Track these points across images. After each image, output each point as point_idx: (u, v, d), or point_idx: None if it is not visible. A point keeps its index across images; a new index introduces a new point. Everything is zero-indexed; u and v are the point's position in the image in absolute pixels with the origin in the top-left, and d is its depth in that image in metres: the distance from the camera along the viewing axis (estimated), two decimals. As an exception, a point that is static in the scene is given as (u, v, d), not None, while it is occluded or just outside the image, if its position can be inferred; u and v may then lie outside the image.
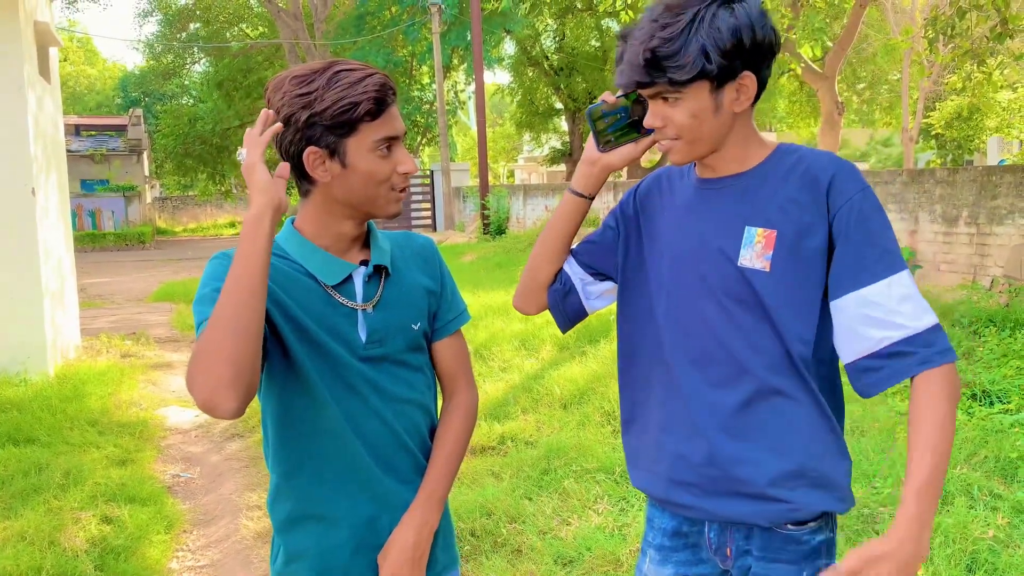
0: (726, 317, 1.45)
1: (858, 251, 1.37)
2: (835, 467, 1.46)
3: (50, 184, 7.18)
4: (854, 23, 15.12)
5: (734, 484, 1.46)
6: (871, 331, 1.36)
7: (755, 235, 1.42)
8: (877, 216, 1.38)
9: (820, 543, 1.48)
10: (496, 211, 17.78)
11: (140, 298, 12.84)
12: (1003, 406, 4.64)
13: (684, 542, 1.56)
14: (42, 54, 7.37)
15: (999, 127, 19.60)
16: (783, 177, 1.44)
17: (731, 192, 1.47)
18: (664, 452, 1.54)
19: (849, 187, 1.39)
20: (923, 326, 1.35)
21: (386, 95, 1.39)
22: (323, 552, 1.48)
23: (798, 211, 1.40)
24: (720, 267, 1.45)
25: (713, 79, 1.36)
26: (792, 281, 1.41)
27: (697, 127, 1.40)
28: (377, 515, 1.49)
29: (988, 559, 3.05)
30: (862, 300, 1.37)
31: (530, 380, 5.93)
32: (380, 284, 1.49)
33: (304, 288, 1.43)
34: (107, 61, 54.43)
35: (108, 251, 24.30)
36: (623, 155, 1.53)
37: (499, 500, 3.83)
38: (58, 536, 3.66)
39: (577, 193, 1.58)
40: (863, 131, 36.65)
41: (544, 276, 1.65)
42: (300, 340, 1.42)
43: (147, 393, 6.59)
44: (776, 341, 1.43)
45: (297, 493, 1.50)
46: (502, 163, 49.14)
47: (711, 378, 1.47)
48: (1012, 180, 7.34)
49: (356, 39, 24.28)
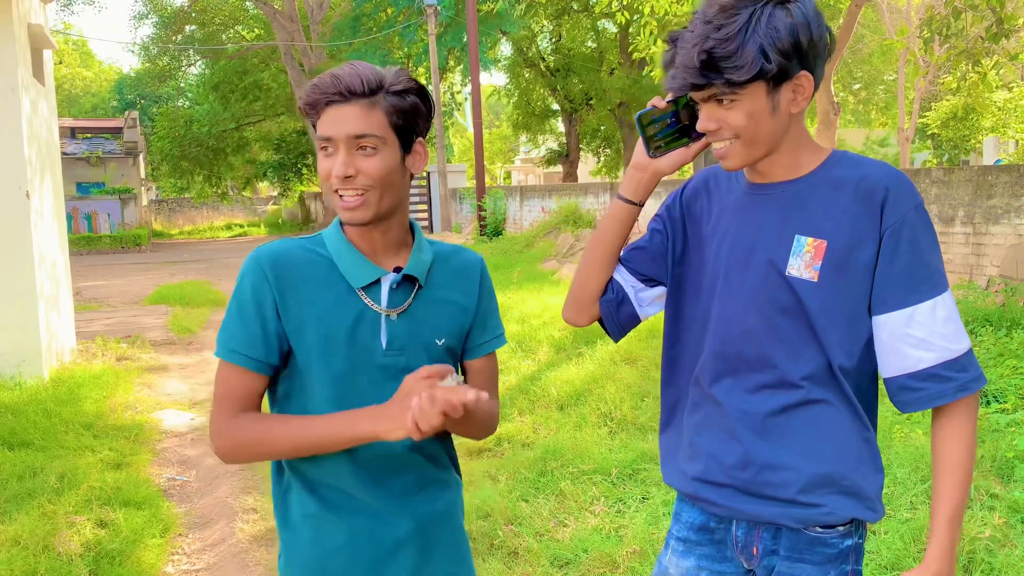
0: (769, 325, 1.44)
1: (907, 269, 1.37)
2: (867, 476, 1.46)
3: (45, 187, 7.16)
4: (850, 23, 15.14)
5: (766, 488, 1.46)
6: (912, 351, 1.38)
7: (805, 244, 1.41)
8: (928, 235, 1.38)
9: (848, 548, 1.48)
10: (493, 212, 17.77)
11: (136, 301, 12.81)
12: (999, 406, 4.64)
13: (710, 537, 1.57)
14: (36, 57, 7.35)
15: (995, 127, 19.62)
16: (836, 186, 1.41)
17: (782, 199, 1.45)
18: (697, 451, 1.54)
19: (904, 203, 1.37)
20: (961, 350, 1.38)
21: (332, 93, 1.37)
22: (322, 554, 1.47)
23: (850, 222, 1.39)
24: (767, 275, 1.43)
25: (770, 80, 1.34)
26: (839, 293, 1.40)
27: (754, 129, 1.38)
28: (372, 527, 1.47)
29: (985, 559, 3.05)
30: (907, 319, 1.38)
31: (527, 382, 5.93)
32: (411, 294, 1.48)
33: (329, 287, 1.44)
34: (102, 63, 54.39)
35: (104, 254, 24.25)
36: (673, 160, 1.50)
37: (496, 502, 3.83)
38: (52, 540, 3.64)
39: (627, 200, 1.55)
40: (859, 131, 36.70)
41: (596, 286, 1.61)
42: (311, 345, 1.42)
43: (143, 396, 6.57)
44: (818, 351, 1.42)
45: (300, 497, 1.49)
46: (499, 164, 49.15)
47: (749, 384, 1.46)
48: (1008, 180, 7.35)
49: (352, 41, 24.27)
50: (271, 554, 3.68)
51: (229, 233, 34.54)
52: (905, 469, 3.82)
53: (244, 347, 1.42)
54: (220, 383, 1.45)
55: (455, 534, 1.57)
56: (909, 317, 1.37)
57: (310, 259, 1.45)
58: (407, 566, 1.49)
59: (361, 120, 1.37)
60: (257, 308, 1.42)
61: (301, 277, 1.44)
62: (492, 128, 46.37)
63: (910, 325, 1.37)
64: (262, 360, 1.43)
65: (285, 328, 1.43)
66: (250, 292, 1.42)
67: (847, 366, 1.42)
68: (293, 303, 1.42)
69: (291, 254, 1.45)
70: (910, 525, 3.28)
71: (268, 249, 1.45)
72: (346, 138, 1.37)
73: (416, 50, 24.89)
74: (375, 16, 24.96)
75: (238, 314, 1.43)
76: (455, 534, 1.57)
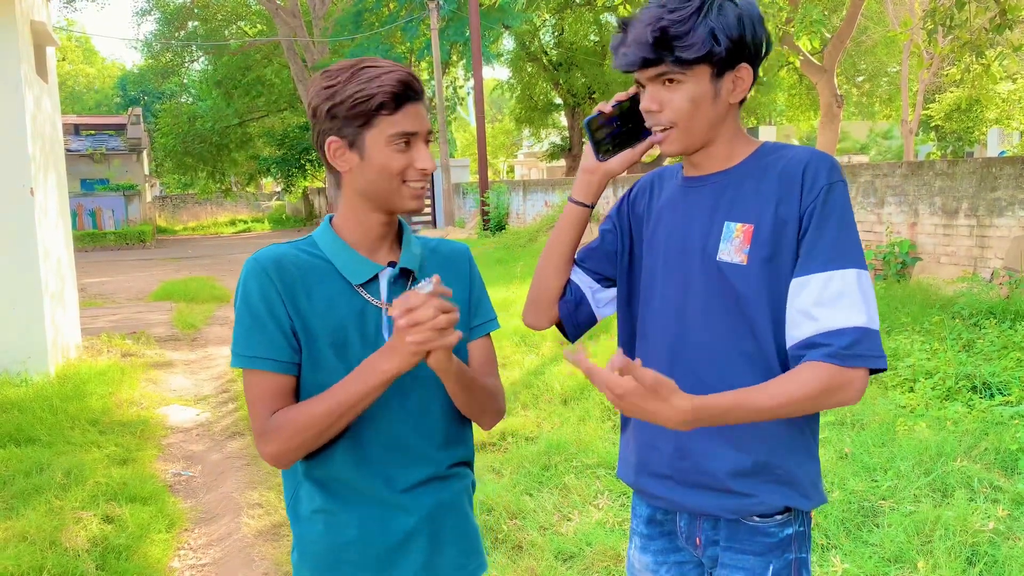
0: (705, 313, 1.47)
1: (811, 241, 1.39)
2: (801, 464, 1.48)
3: (49, 184, 7.17)
4: (853, 15, 15.08)
5: (701, 476, 1.49)
6: (802, 319, 1.38)
7: (734, 230, 1.45)
8: (837, 212, 1.39)
9: (788, 536, 1.50)
10: (496, 207, 17.77)
11: (140, 297, 12.84)
12: (1004, 398, 4.63)
13: (660, 530, 1.60)
14: (39, 54, 7.36)
15: (999, 119, 19.56)
16: (762, 173, 1.46)
17: (714, 189, 1.50)
18: (639, 444, 1.59)
19: (819, 181, 1.40)
20: (848, 323, 1.34)
21: (406, 91, 1.42)
22: (334, 547, 1.49)
23: (774, 206, 1.43)
24: (700, 262, 1.48)
25: (715, 64, 1.40)
26: (768, 275, 1.43)
27: (694, 112, 1.42)
28: (382, 520, 1.49)
29: (988, 551, 3.05)
30: (799, 287, 1.39)
31: (530, 376, 5.94)
32: (407, 287, 1.51)
33: (329, 286, 1.46)
34: (105, 60, 54.43)
35: (108, 250, 24.30)
36: (622, 160, 1.56)
37: (500, 496, 3.84)
38: (59, 536, 3.67)
39: (579, 202, 1.61)
40: (863, 124, 36.61)
41: (555, 289, 1.65)
42: (322, 344, 1.44)
43: (148, 392, 6.60)
44: (750, 337, 1.45)
45: (310, 491, 1.50)
46: (502, 159, 49.08)
47: (684, 372, 1.48)
48: (1012, 172, 7.32)
49: (354, 36, 24.24)
50: (277, 549, 3.70)
51: (233, 229, 34.59)
52: (908, 463, 3.83)
53: (267, 351, 1.43)
54: (251, 391, 1.45)
55: (464, 524, 1.59)
56: (802, 286, 1.38)
57: (307, 261, 1.48)
58: (418, 557, 1.51)
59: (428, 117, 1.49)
60: (269, 310, 1.43)
61: (303, 278, 1.46)
62: (495, 122, 46.31)
63: (799, 294, 1.38)
64: (288, 361, 1.44)
65: (295, 327, 1.44)
66: (259, 296, 1.43)
67: (780, 350, 1.44)
68: (300, 303, 1.44)
69: (289, 256, 1.47)
70: (913, 518, 3.29)
71: (266, 254, 1.47)
72: (426, 133, 1.46)
73: (418, 45, 24.84)
74: (377, 11, 24.92)
75: (251, 320, 1.43)
76: (464, 524, 1.59)
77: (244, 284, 1.45)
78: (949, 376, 4.95)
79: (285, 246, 1.50)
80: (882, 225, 8.82)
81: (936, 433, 4.16)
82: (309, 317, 1.44)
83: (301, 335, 1.44)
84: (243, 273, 1.46)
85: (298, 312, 1.44)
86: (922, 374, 5.11)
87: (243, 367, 1.44)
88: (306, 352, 1.45)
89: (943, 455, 3.87)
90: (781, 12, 11.06)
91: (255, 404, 1.43)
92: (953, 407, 4.56)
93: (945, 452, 3.89)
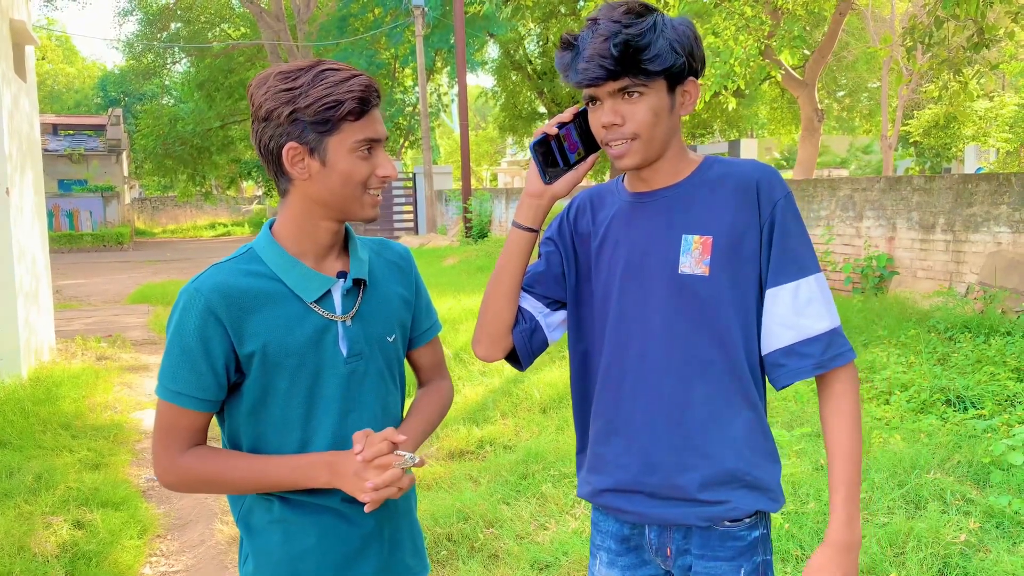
0: (668, 327, 1.49)
1: (777, 254, 1.47)
2: (766, 469, 1.52)
3: (25, 183, 7.09)
4: (834, 31, 15.27)
5: (671, 490, 1.51)
6: (778, 328, 1.47)
7: (692, 242, 1.48)
8: (795, 222, 1.48)
9: (756, 539, 1.53)
10: (479, 214, 17.77)
11: (117, 300, 12.71)
12: (977, 411, 4.68)
13: (627, 546, 1.60)
14: (18, 52, 7.28)
15: (976, 136, 19.82)
16: (714, 185, 1.50)
17: (666, 203, 1.52)
18: (603, 461, 1.58)
19: (775, 194, 1.48)
20: (821, 329, 1.47)
21: (370, 96, 1.39)
22: (292, 556, 1.48)
23: (731, 216, 1.47)
24: (662, 276, 1.49)
25: (672, 77, 1.44)
26: (730, 284, 1.48)
27: (656, 124, 1.44)
28: (340, 526, 1.49)
29: (960, 563, 3.08)
30: (773, 299, 1.48)
31: (509, 384, 5.93)
32: (359, 295, 1.49)
33: (282, 306, 1.42)
34: (86, 60, 53.95)
35: (85, 252, 24.04)
36: (568, 182, 1.54)
37: (476, 505, 3.82)
38: (28, 541, 3.61)
39: (526, 228, 1.56)
40: (843, 138, 36.98)
41: (508, 319, 1.60)
42: (277, 366, 1.41)
43: (122, 396, 6.52)
44: (715, 347, 1.48)
45: (265, 503, 1.49)
46: (485, 166, 49.13)
47: (644, 387, 1.51)
48: (988, 188, 7.43)
49: (339, 41, 24.21)
50: (250, 556, 3.66)
51: (213, 232, 34.33)
52: (883, 474, 3.86)
53: (193, 389, 1.39)
54: (163, 420, 1.42)
55: (412, 527, 1.63)
56: (775, 296, 1.47)
57: (255, 285, 1.41)
58: (374, 562, 1.52)
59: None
60: (204, 348, 1.37)
61: (253, 305, 1.40)
62: (479, 130, 46.38)
63: (775, 304, 1.47)
64: (212, 399, 1.41)
65: (241, 356, 1.39)
66: (195, 333, 1.37)
67: (744, 358, 1.49)
68: (251, 330, 1.39)
69: (234, 284, 1.39)
70: (887, 530, 3.31)
71: (209, 284, 1.39)
72: (384, 139, 1.44)
73: (403, 51, 24.86)
74: (362, 16, 24.93)
75: (181, 355, 1.38)
76: (412, 527, 1.63)
77: (181, 315, 1.39)
78: (924, 389, 5.00)
79: (227, 269, 1.42)
80: (860, 239, 8.91)
81: (910, 445, 4.20)
82: (265, 344, 1.40)
83: (255, 362, 1.40)
84: (182, 302, 1.39)
85: (246, 341, 1.39)
86: (898, 387, 5.16)
87: (166, 400, 1.41)
88: (256, 378, 1.41)
89: (917, 467, 3.90)
90: (763, 26, 11.16)
91: (167, 434, 1.42)
92: (927, 420, 4.61)
93: (919, 464, 3.92)
